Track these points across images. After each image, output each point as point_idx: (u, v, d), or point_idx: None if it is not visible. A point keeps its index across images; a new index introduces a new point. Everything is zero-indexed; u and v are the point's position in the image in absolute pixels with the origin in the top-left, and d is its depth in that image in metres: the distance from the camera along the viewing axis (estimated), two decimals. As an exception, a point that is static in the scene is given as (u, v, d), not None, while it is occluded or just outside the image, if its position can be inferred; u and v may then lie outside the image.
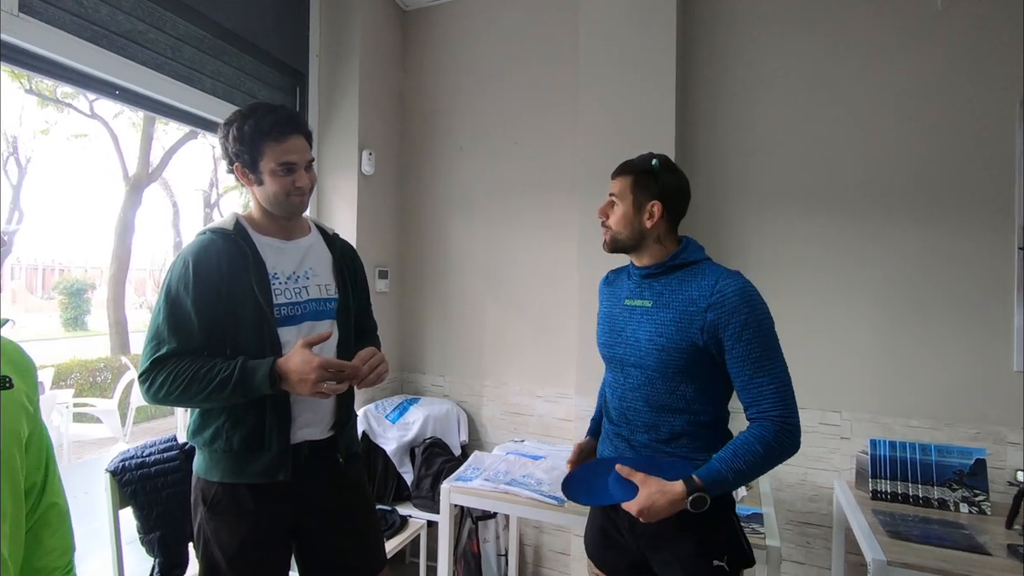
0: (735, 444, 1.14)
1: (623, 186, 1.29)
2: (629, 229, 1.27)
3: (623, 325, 1.30)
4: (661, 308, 1.24)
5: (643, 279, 1.30)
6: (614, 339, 1.31)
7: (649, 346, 1.23)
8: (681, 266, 1.26)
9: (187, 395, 1.14)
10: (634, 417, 1.27)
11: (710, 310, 1.16)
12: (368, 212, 2.65)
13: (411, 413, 2.58)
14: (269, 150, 1.22)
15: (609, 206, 1.31)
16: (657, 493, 1.13)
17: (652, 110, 2.26)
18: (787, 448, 1.12)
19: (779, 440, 1.11)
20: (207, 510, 1.22)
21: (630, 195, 1.27)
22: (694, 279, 1.23)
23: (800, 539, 2.19)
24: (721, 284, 1.17)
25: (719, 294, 1.16)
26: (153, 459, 1.65)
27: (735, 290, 1.16)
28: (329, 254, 1.40)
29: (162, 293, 1.20)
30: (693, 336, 1.18)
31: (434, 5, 2.88)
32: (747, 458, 1.11)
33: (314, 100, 2.60)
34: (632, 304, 1.30)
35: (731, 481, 1.12)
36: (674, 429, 1.22)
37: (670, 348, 1.20)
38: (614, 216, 1.30)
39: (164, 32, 1.90)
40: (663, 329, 1.21)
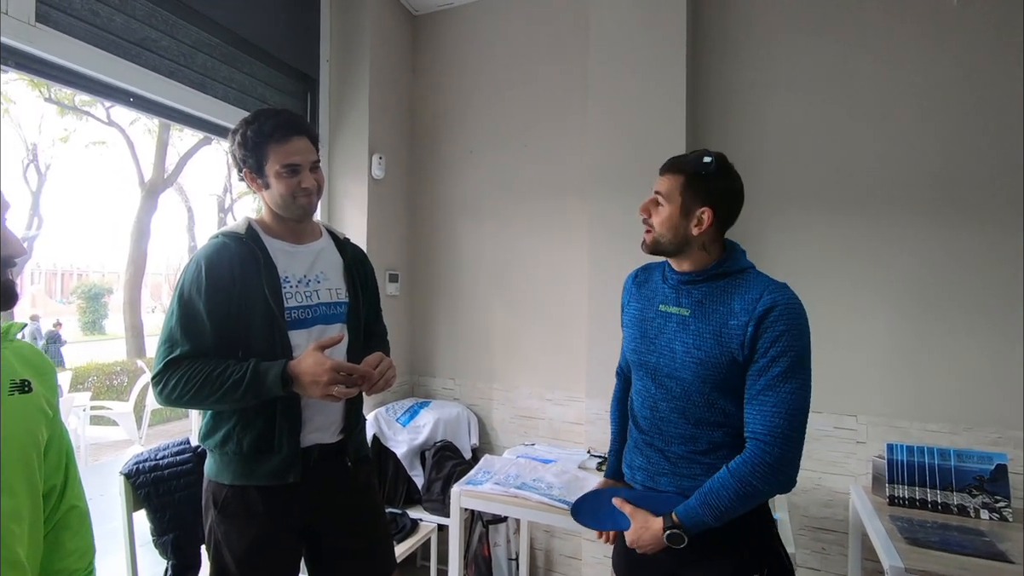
0: (714, 480, 1.10)
1: (672, 186, 1.18)
2: (673, 233, 1.18)
3: (656, 332, 1.22)
4: (699, 319, 1.16)
5: (681, 285, 1.22)
6: (646, 346, 1.23)
7: (685, 358, 1.16)
8: (725, 275, 1.18)
9: (200, 397, 1.15)
10: (668, 429, 1.20)
11: (751, 324, 1.09)
12: (378, 216, 2.66)
13: (421, 416, 2.58)
14: (272, 153, 1.23)
15: (653, 204, 1.21)
16: (641, 528, 1.16)
17: (662, 112, 2.25)
18: (770, 486, 1.06)
19: (754, 474, 1.05)
20: (217, 512, 1.23)
21: (679, 197, 1.17)
22: (737, 290, 1.15)
23: (815, 545, 2.16)
24: (767, 298, 1.10)
25: (763, 307, 1.09)
26: (166, 462, 1.67)
27: (780, 306, 1.09)
28: (340, 258, 1.41)
29: (175, 296, 1.21)
30: (732, 351, 1.11)
31: (443, 9, 2.89)
32: (720, 494, 1.08)
33: (324, 105, 2.62)
34: (667, 310, 1.22)
35: (708, 519, 1.09)
36: (713, 441, 1.16)
37: (708, 362, 1.13)
38: (658, 217, 1.19)
39: (177, 40, 1.93)
40: (701, 342, 1.14)
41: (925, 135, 2.03)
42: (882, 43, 2.09)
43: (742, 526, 1.14)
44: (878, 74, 2.09)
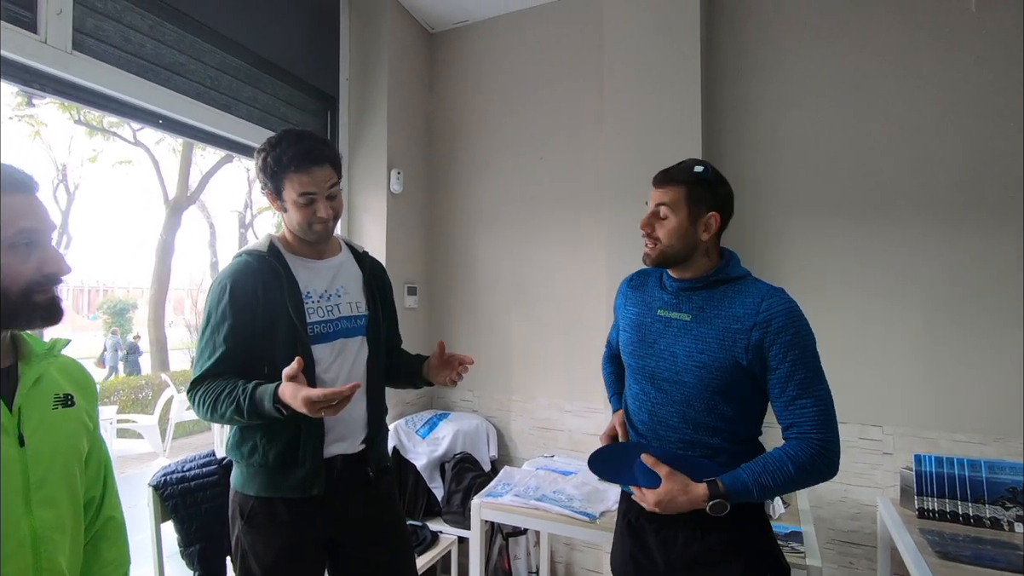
0: (766, 458, 1.12)
1: (675, 196, 1.20)
2: (682, 242, 1.20)
3: (655, 337, 1.24)
4: (702, 323, 1.18)
5: (681, 291, 1.24)
6: (644, 350, 1.25)
7: (688, 362, 1.18)
8: (724, 281, 1.21)
9: (215, 415, 1.19)
10: (667, 433, 1.21)
11: (755, 329, 1.12)
12: (397, 230, 2.70)
13: (441, 428, 2.59)
14: (289, 182, 1.25)
15: (655, 217, 1.22)
16: (679, 491, 1.11)
17: (678, 124, 2.25)
18: (822, 472, 1.10)
19: (814, 463, 1.09)
20: (244, 523, 1.25)
21: (684, 206, 1.19)
22: (738, 295, 1.18)
23: (842, 559, 2.11)
24: (767, 302, 1.13)
25: (765, 312, 1.12)
26: (193, 474, 1.70)
27: (781, 309, 1.12)
28: (359, 272, 1.44)
29: (204, 316, 1.25)
30: (736, 355, 1.13)
31: (460, 27, 2.95)
32: (776, 475, 1.09)
33: (344, 123, 2.68)
34: (667, 316, 1.24)
35: (754, 494, 1.09)
36: (710, 446, 1.18)
37: (711, 366, 1.15)
38: (664, 228, 1.20)
39: (204, 63, 2.00)
40: (704, 346, 1.16)
41: (945, 141, 2.01)
42: (898, 50, 2.08)
43: (747, 532, 1.16)
44: (895, 82, 2.08)
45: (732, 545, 1.15)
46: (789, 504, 1.90)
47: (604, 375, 1.56)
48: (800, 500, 1.94)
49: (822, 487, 2.13)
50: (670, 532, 1.19)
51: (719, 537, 1.15)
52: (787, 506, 1.88)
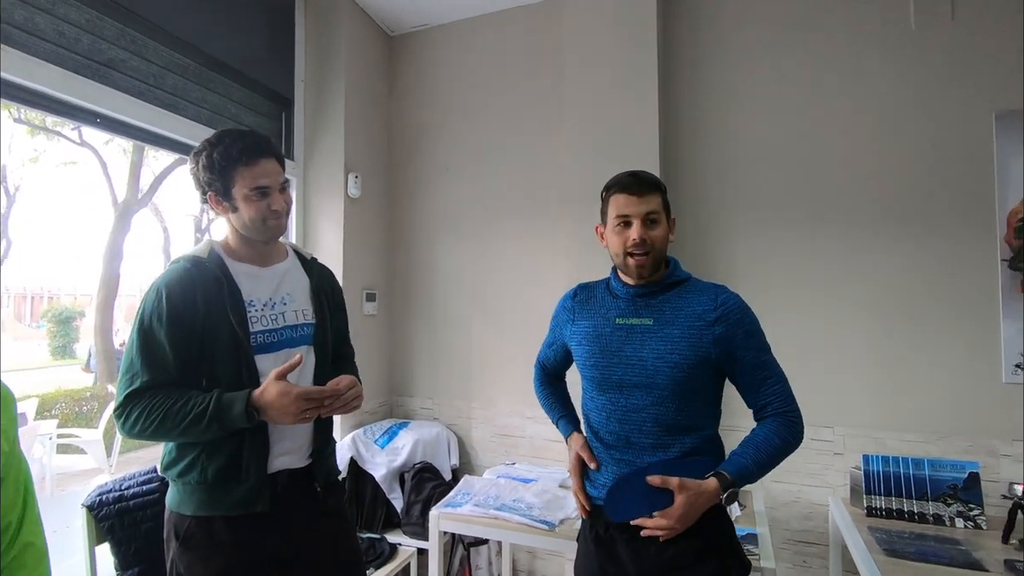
0: (755, 439, 1.19)
1: (658, 203, 1.24)
2: (665, 247, 1.26)
3: (619, 345, 1.24)
4: (666, 325, 1.21)
5: (638, 297, 1.26)
6: (607, 360, 1.24)
7: (658, 364, 1.19)
8: (676, 284, 1.27)
9: (163, 430, 1.12)
10: (640, 439, 1.21)
11: (717, 323, 1.19)
12: (355, 235, 2.64)
13: (400, 437, 2.54)
14: (240, 176, 1.21)
15: (646, 226, 1.22)
16: (695, 494, 1.13)
17: (637, 127, 2.28)
18: (798, 439, 1.19)
19: (792, 433, 1.18)
20: (179, 545, 1.18)
21: (663, 213, 1.25)
22: (691, 295, 1.24)
23: (797, 558, 2.16)
24: (722, 298, 1.22)
25: (723, 307, 1.20)
26: (132, 492, 1.60)
27: (735, 303, 1.22)
28: (307, 279, 1.38)
29: (135, 325, 1.18)
30: (705, 350, 1.19)
31: (419, 30, 2.92)
32: (768, 451, 1.16)
33: (300, 125, 2.61)
34: (628, 322, 1.25)
35: (755, 473, 1.16)
36: (685, 447, 1.19)
37: (683, 364, 1.18)
38: (656, 236, 1.23)
39: (147, 60, 1.91)
40: (673, 346, 1.19)
41: (893, 147, 2.09)
42: (846, 60, 2.16)
43: (715, 534, 1.20)
44: (843, 88, 2.16)
45: (702, 548, 1.17)
46: (745, 506, 1.93)
47: (542, 400, 1.51)
48: (755, 502, 1.97)
49: (777, 488, 2.17)
50: (641, 541, 1.19)
51: (690, 541, 1.16)
52: (743, 508, 1.91)
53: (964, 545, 1.62)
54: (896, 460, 1.86)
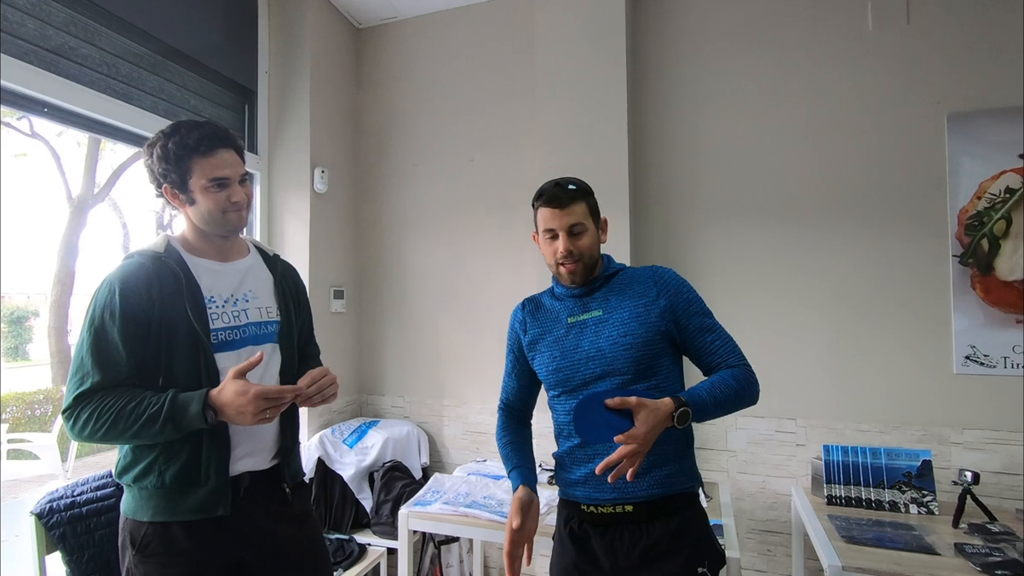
0: (710, 379, 1.20)
1: (583, 212, 1.27)
2: (595, 250, 1.30)
3: (575, 342, 1.27)
4: (614, 311, 1.26)
5: (582, 296, 1.31)
6: (570, 359, 1.27)
7: (616, 349, 1.23)
8: (614, 274, 1.33)
9: (114, 432, 1.07)
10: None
11: (660, 297, 1.25)
12: (322, 231, 2.59)
13: (370, 437, 2.50)
14: (198, 166, 1.17)
15: (572, 238, 1.25)
16: (653, 408, 1.08)
17: (606, 125, 2.29)
18: (753, 391, 1.21)
19: (748, 381, 1.21)
20: (136, 552, 1.14)
21: (590, 219, 1.29)
22: (630, 280, 1.31)
23: (761, 547, 2.21)
24: (657, 274, 1.29)
25: (662, 281, 1.27)
26: (84, 498, 1.54)
27: (672, 275, 1.30)
28: (270, 275, 1.35)
29: (86, 323, 1.12)
30: (655, 324, 1.23)
31: (389, 23, 2.87)
32: (724, 390, 1.17)
33: (264, 118, 2.54)
34: (579, 319, 1.29)
35: (708, 403, 1.15)
36: None
37: (638, 344, 1.22)
38: (583, 245, 1.26)
39: (98, 48, 1.83)
40: (625, 328, 1.23)
41: (851, 148, 2.15)
42: (807, 65, 2.21)
43: (687, 522, 1.21)
44: (804, 93, 2.21)
45: (675, 536, 1.19)
46: (711, 498, 1.96)
47: (501, 448, 1.39)
48: (722, 493, 2.01)
49: (742, 479, 2.22)
50: (616, 533, 1.20)
51: (664, 529, 1.18)
52: (709, 499, 1.94)
53: (918, 530, 1.68)
54: (855, 450, 1.92)
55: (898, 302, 2.08)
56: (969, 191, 2.01)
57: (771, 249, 2.23)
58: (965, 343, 1.99)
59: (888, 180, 2.10)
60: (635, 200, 2.32)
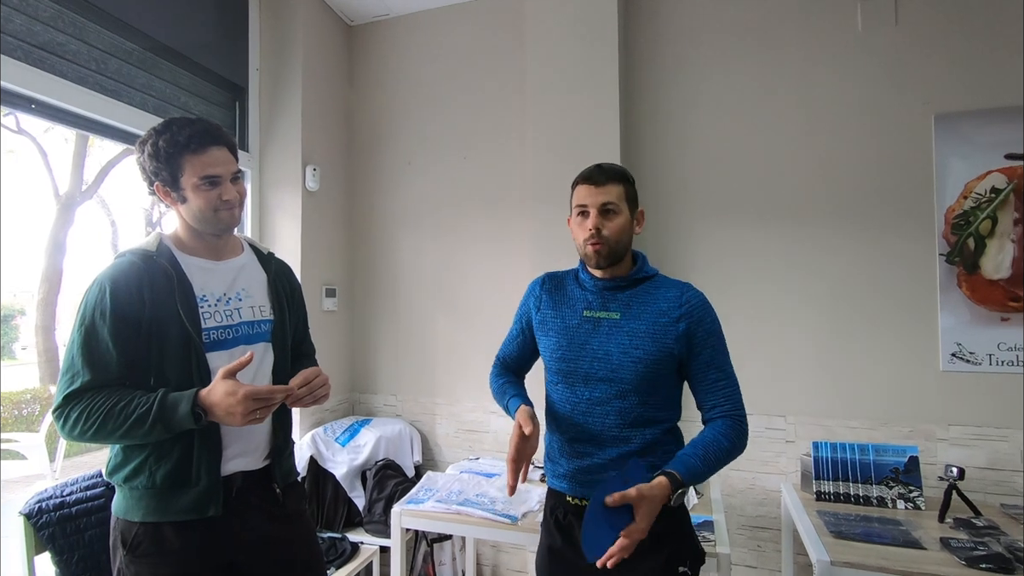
0: (704, 440, 1.18)
1: (619, 194, 1.25)
2: (626, 238, 1.26)
3: (585, 338, 1.26)
4: (632, 320, 1.24)
5: (606, 290, 1.28)
6: (574, 352, 1.26)
7: (623, 359, 1.21)
8: (644, 279, 1.29)
9: (104, 432, 1.07)
10: (601, 432, 1.23)
11: (681, 320, 1.21)
12: (314, 229, 2.58)
13: (362, 435, 2.50)
14: (189, 164, 1.16)
15: (605, 215, 1.24)
16: (649, 496, 1.07)
17: (597, 127, 2.30)
18: (744, 443, 1.21)
19: (740, 437, 1.19)
20: (127, 553, 1.13)
21: (625, 204, 1.26)
22: (658, 291, 1.26)
23: (751, 543, 2.23)
24: (687, 295, 1.24)
25: (687, 305, 1.23)
26: (74, 498, 1.53)
27: (699, 301, 1.25)
28: (264, 274, 1.34)
29: (76, 322, 1.12)
30: (668, 346, 1.21)
31: (380, 20, 2.86)
32: (717, 453, 1.15)
33: (255, 115, 2.53)
34: (595, 316, 1.27)
35: (703, 473, 1.15)
36: (646, 440, 1.21)
37: (647, 360, 1.20)
38: (613, 226, 1.23)
39: (88, 44, 1.81)
40: (638, 341, 1.21)
41: (841, 149, 2.17)
42: (797, 67, 2.23)
43: (670, 522, 1.20)
44: (794, 94, 2.23)
45: (657, 535, 1.17)
46: (702, 494, 1.98)
47: (495, 387, 1.41)
48: (712, 490, 2.03)
49: (733, 476, 2.24)
50: None
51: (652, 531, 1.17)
52: (700, 496, 1.96)
53: (905, 525, 1.70)
54: (843, 446, 1.94)
55: (886, 300, 2.11)
56: (956, 191, 2.04)
57: (761, 247, 2.25)
58: (951, 341, 2.02)
59: (877, 179, 2.12)
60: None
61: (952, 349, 2.02)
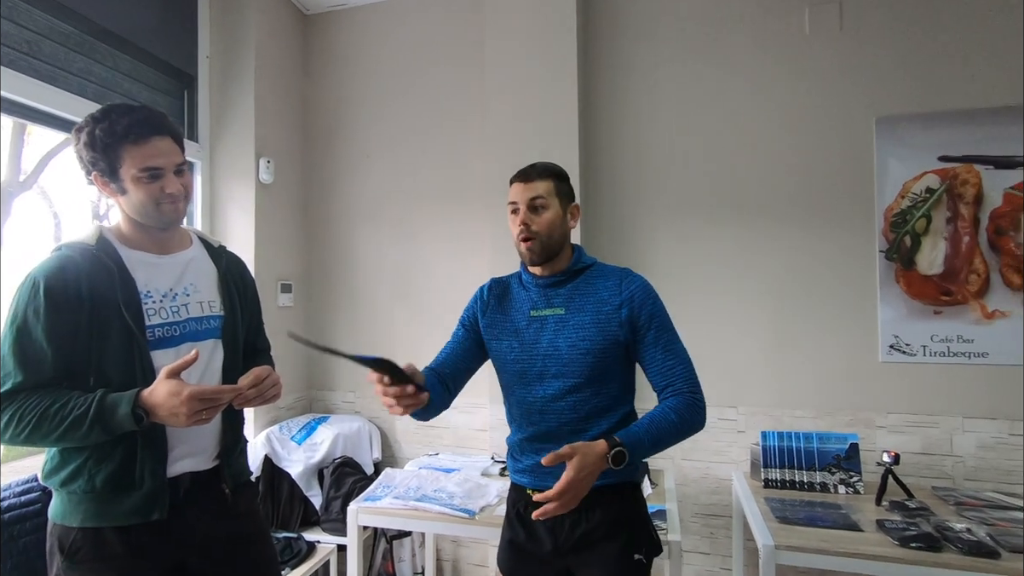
0: (652, 413, 1.19)
1: (548, 188, 1.26)
2: (559, 233, 1.27)
3: (535, 337, 1.27)
4: (576, 312, 1.25)
5: (548, 288, 1.30)
6: (528, 352, 1.28)
7: (572, 352, 1.23)
8: (582, 270, 1.31)
9: (38, 435, 1.02)
10: (559, 428, 1.25)
11: (623, 307, 1.23)
12: (268, 223, 2.51)
13: (319, 433, 2.46)
14: (128, 155, 1.11)
15: (532, 211, 1.25)
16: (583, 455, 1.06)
17: (557, 120, 2.31)
18: (697, 419, 1.20)
19: (691, 411, 1.19)
20: (65, 559, 1.08)
21: (556, 198, 1.27)
22: (598, 280, 1.28)
23: (704, 531, 2.31)
24: (626, 281, 1.26)
25: (627, 291, 1.25)
26: (7, 504, 1.46)
27: (639, 285, 1.26)
28: (214, 268, 1.30)
29: (7, 320, 1.06)
30: (613, 333, 1.22)
31: (337, 9, 2.80)
32: (662, 425, 1.16)
33: (204, 104, 2.44)
34: (541, 314, 1.28)
35: (645, 442, 1.13)
36: (603, 430, 1.22)
37: (594, 350, 1.22)
38: (543, 221, 1.25)
39: (18, 24, 1.71)
40: (584, 332, 1.23)
41: (788, 149, 2.25)
42: (748, 69, 2.29)
43: (626, 510, 1.25)
44: (746, 97, 2.29)
45: (614, 523, 1.22)
46: (656, 484, 2.03)
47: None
48: (666, 480, 2.08)
49: (687, 466, 2.30)
50: (557, 518, 1.21)
51: (603, 516, 1.21)
52: (655, 486, 2.01)
53: (845, 509, 1.79)
54: (790, 435, 2.03)
55: (830, 296, 2.20)
56: (894, 190, 2.14)
57: (712, 245, 2.32)
58: (890, 333, 2.13)
59: (822, 179, 2.21)
60: (585, 198, 2.36)
61: (890, 341, 2.13)
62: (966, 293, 2.06)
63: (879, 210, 2.15)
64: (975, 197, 2.06)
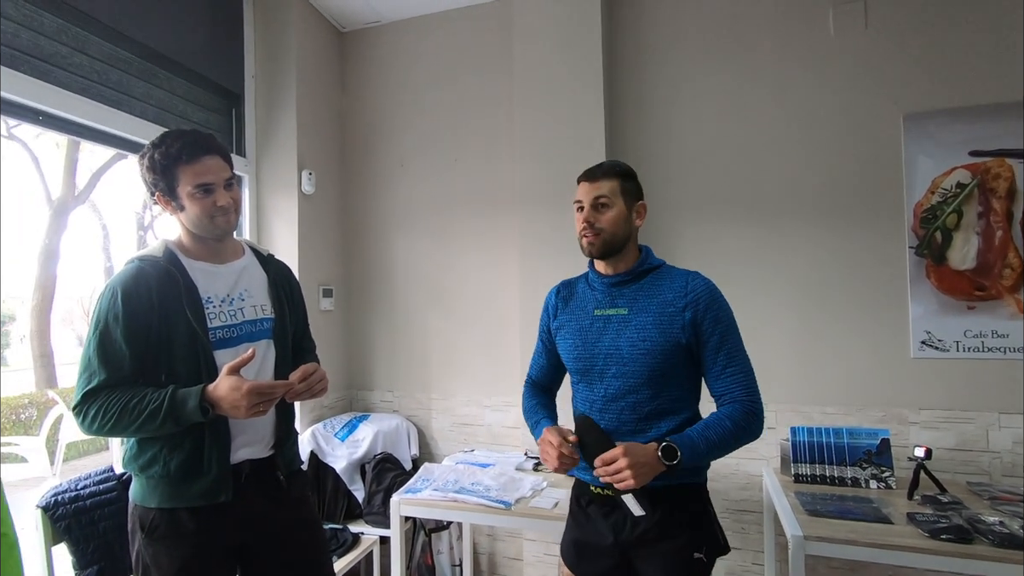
0: (707, 420, 1.22)
1: (612, 188, 1.30)
2: (623, 230, 1.30)
3: (597, 336, 1.31)
4: (639, 313, 1.27)
5: (612, 287, 1.33)
6: (588, 351, 1.31)
7: (633, 352, 1.25)
8: (648, 271, 1.34)
9: (120, 427, 1.15)
10: (618, 427, 1.27)
11: (687, 309, 1.24)
12: (310, 231, 2.66)
13: (360, 430, 2.58)
14: (183, 174, 1.24)
15: (598, 207, 1.30)
16: (632, 449, 1.14)
17: (583, 129, 2.39)
18: (754, 427, 1.22)
19: (747, 419, 1.21)
20: (145, 536, 1.21)
21: (620, 197, 1.30)
22: (663, 282, 1.30)
23: (736, 526, 2.33)
24: (692, 284, 1.28)
25: (692, 293, 1.26)
26: (88, 491, 1.61)
27: (705, 289, 1.27)
28: (264, 275, 1.42)
29: (92, 325, 1.20)
30: (675, 335, 1.24)
31: (372, 27, 2.93)
32: (718, 430, 1.19)
33: (251, 121, 2.60)
34: (605, 313, 1.32)
35: (700, 446, 1.17)
36: (662, 432, 1.24)
37: (655, 351, 1.23)
38: (607, 218, 1.29)
39: (89, 56, 1.88)
40: (646, 334, 1.25)
41: (815, 148, 2.27)
42: (774, 69, 2.32)
43: (690, 510, 1.27)
44: (771, 96, 2.32)
45: (675, 522, 1.24)
46: (687, 479, 2.07)
47: (529, 408, 1.46)
48: (697, 475, 2.12)
49: (717, 463, 2.32)
50: (620, 514, 1.27)
51: (663, 515, 1.24)
52: (685, 481, 2.05)
53: (876, 503, 1.80)
54: (819, 431, 2.04)
55: (860, 292, 2.21)
56: (923, 186, 2.14)
57: (739, 244, 2.35)
58: (921, 329, 2.13)
59: (850, 176, 2.22)
60: (612, 198, 2.42)
61: (922, 337, 2.12)
62: (1000, 288, 2.04)
63: (908, 207, 2.15)
64: (1008, 191, 2.05)
